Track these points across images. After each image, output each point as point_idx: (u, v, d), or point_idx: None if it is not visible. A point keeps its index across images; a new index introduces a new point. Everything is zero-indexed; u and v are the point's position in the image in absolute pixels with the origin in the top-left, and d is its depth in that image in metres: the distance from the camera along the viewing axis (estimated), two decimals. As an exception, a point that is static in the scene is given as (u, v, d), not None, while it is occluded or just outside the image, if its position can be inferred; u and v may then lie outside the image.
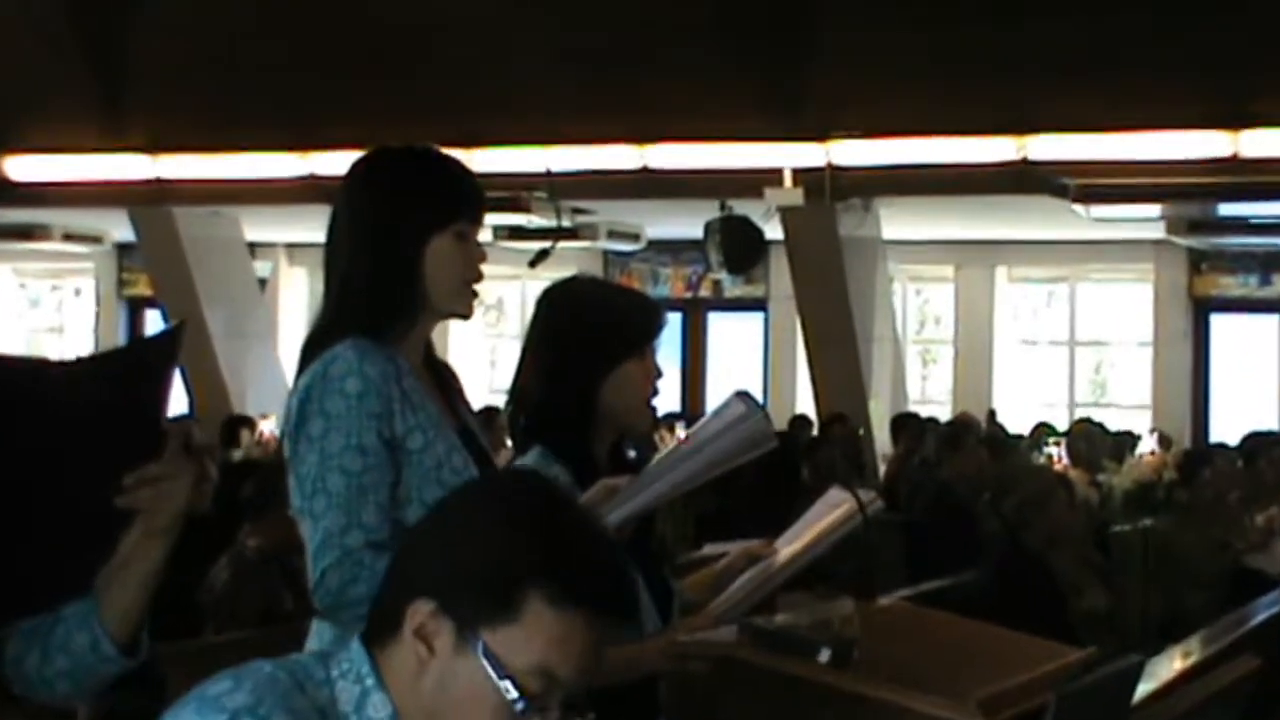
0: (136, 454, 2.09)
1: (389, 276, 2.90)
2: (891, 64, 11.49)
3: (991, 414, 14.55)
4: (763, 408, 2.88)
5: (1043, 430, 12.42)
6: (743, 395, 2.89)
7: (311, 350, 2.90)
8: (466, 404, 3.10)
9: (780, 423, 13.39)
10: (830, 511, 3.32)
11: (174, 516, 2.16)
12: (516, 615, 1.84)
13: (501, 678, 1.84)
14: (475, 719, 1.86)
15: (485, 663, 1.84)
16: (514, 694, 1.84)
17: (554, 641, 1.85)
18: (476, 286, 2.99)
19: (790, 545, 3.31)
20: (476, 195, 2.99)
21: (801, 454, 9.26)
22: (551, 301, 3.23)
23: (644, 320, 3.22)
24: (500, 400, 3.37)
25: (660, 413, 12.64)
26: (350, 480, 2.77)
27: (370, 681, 1.89)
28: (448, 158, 3.01)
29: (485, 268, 2.99)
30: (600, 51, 12.06)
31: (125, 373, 2.10)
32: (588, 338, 3.13)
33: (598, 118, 12.14)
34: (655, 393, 3.21)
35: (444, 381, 3.05)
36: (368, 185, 2.98)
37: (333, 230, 2.99)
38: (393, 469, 2.82)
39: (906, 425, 11.76)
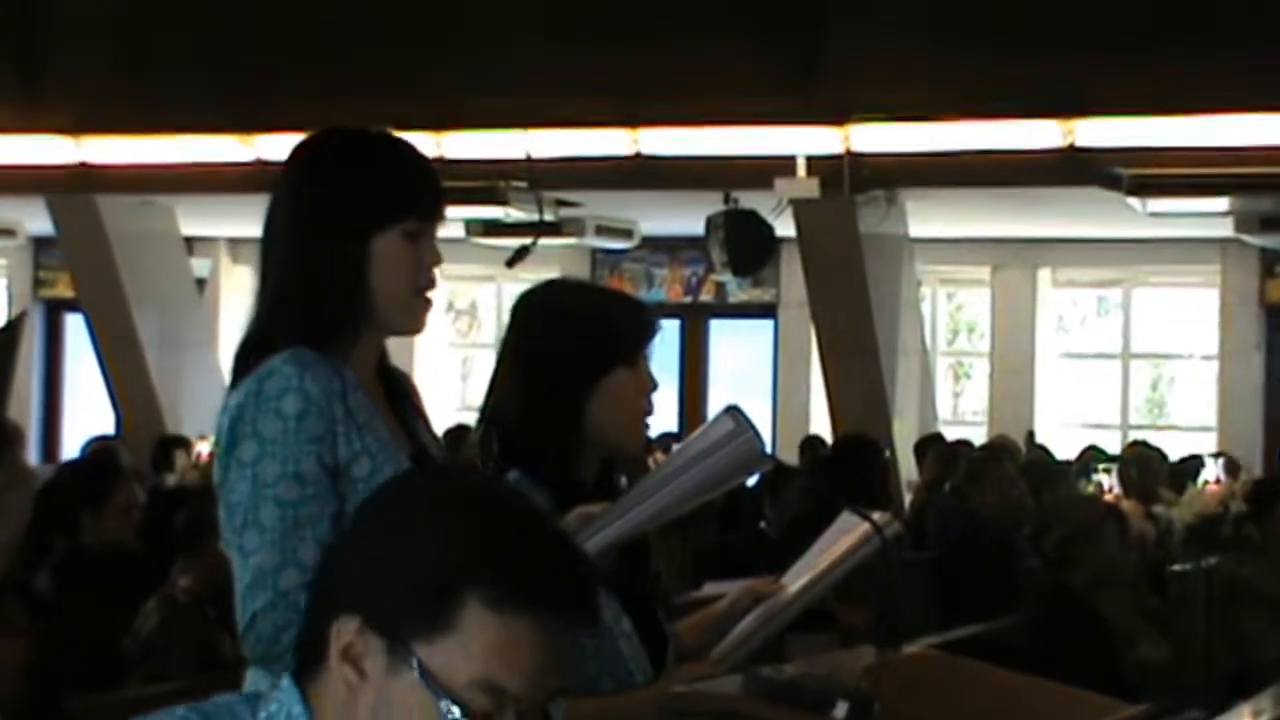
0: None
1: (325, 281, 2.90)
2: (920, 36, 11.50)
3: (1032, 436, 14.56)
4: (753, 426, 2.89)
5: (1091, 455, 12.42)
6: (732, 411, 2.91)
7: (245, 361, 2.91)
8: (426, 422, 3.10)
9: (793, 446, 13.39)
10: (841, 538, 3.34)
11: (14, 531, 2.18)
12: (453, 625, 1.82)
13: (441, 698, 1.82)
14: None
15: (422, 682, 1.82)
16: (457, 714, 1.82)
17: (498, 651, 1.82)
18: (444, 294, 2.99)
19: (799, 579, 3.32)
20: (431, 188, 2.98)
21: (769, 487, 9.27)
22: (529, 308, 3.25)
23: (635, 324, 3.24)
24: (473, 419, 3.38)
25: (655, 433, 12.65)
26: (286, 512, 2.77)
27: None
28: (400, 143, 3.01)
29: (457, 268, 3.01)
30: (587, 21, 12.07)
31: None
32: (572, 346, 3.15)
33: (584, 96, 12.14)
34: (650, 408, 3.22)
35: (399, 396, 3.05)
36: (306, 172, 2.99)
37: (270, 223, 3.00)
38: (335, 499, 2.81)
39: (935, 449, 11.77)
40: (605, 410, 3.15)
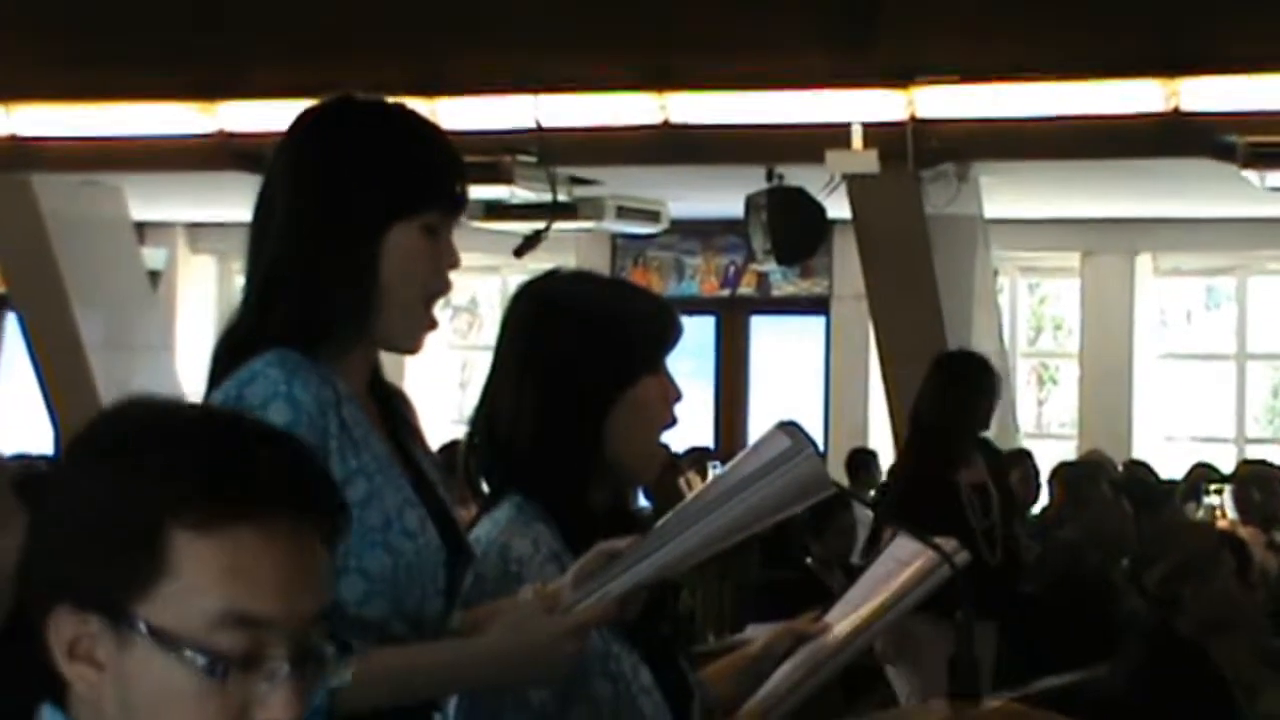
0: None
1: (331, 276, 2.92)
2: (997, -18, 11.51)
3: (1132, 453, 14.52)
4: (814, 442, 2.87)
5: (1201, 474, 12.39)
6: (788, 426, 2.89)
7: (224, 363, 2.92)
8: (423, 444, 3.11)
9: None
10: (899, 569, 3.32)
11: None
12: (167, 567, 1.81)
13: (182, 650, 1.80)
14: (184, 716, 1.81)
15: (155, 643, 1.80)
16: (202, 662, 1.80)
17: (226, 575, 1.81)
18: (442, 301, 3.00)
19: (848, 618, 3.30)
20: (459, 177, 3.01)
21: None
22: (533, 305, 3.23)
23: (658, 324, 3.24)
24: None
25: (686, 447, 12.63)
26: None
27: None
28: (425, 120, 3.04)
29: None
30: (606, -34, 12.10)
31: None
32: (590, 352, 3.14)
33: (603, 55, 12.14)
34: (673, 421, 3.21)
35: (393, 414, 3.06)
36: (315, 146, 3.01)
37: (263, 204, 3.01)
38: None
39: (1017, 467, 11.74)
40: (627, 427, 3.14)
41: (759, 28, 11.86)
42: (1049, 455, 12.83)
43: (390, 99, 3.06)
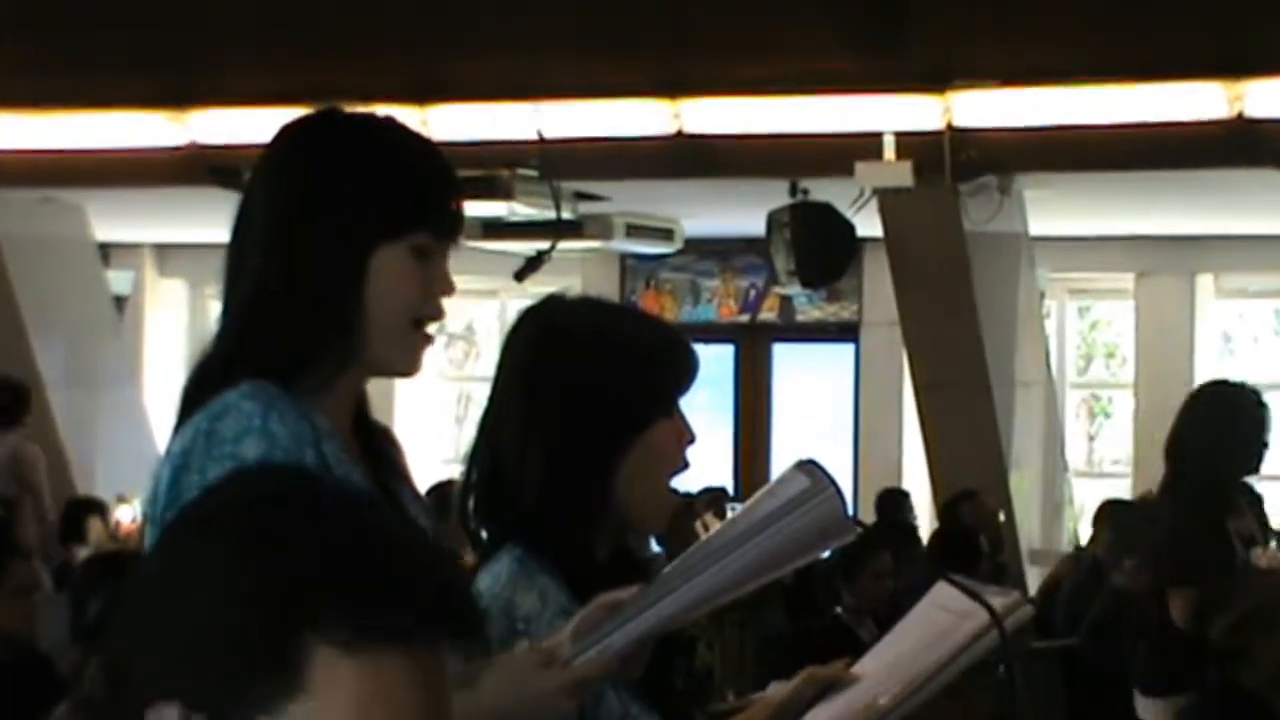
0: None
1: (312, 297, 2.94)
2: (1042, -22, 11.52)
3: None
4: (834, 483, 2.87)
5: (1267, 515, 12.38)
6: (807, 465, 2.89)
7: (196, 396, 2.93)
8: (411, 488, 3.13)
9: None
10: (947, 627, 3.30)
11: None
12: (301, 683, 1.78)
13: None
14: None
15: None
16: None
17: (367, 702, 1.79)
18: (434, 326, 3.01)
19: (886, 674, 3.29)
20: (454, 198, 3.04)
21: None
22: (534, 337, 3.23)
23: (673, 363, 3.24)
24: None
25: (701, 486, 12.61)
26: None
27: None
28: (417, 138, 3.08)
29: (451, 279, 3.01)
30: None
31: None
32: (603, 390, 3.14)
33: (611, 60, 12.15)
34: (685, 466, 3.22)
35: (378, 454, 3.09)
36: (298, 160, 3.03)
37: (241, 223, 3.03)
38: None
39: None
40: (637, 474, 3.14)
41: (780, 29, 11.88)
42: (1101, 495, 12.79)
43: (381, 111, 3.09)
